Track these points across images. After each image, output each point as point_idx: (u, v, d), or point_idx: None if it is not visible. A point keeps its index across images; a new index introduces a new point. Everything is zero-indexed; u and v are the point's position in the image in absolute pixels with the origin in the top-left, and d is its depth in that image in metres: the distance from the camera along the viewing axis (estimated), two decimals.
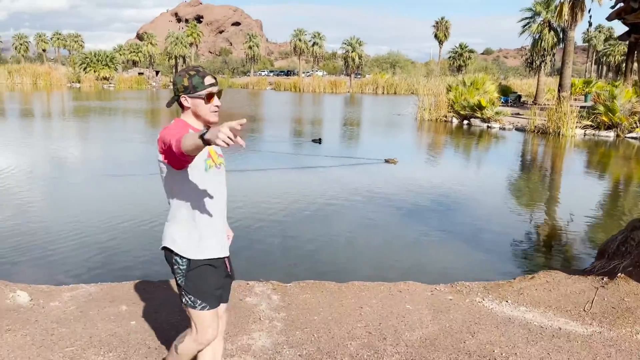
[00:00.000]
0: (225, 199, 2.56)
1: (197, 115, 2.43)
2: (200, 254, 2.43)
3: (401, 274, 5.68)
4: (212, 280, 2.47)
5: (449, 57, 76.31)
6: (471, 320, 4.09)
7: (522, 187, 11.50)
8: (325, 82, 67.99)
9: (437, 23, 79.61)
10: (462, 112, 25.20)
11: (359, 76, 75.79)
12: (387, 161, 13.09)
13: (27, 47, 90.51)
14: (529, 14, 34.97)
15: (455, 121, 25.18)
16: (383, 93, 63.18)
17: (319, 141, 16.42)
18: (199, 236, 2.43)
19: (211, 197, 2.44)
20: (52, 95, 44.46)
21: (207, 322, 2.49)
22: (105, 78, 68.30)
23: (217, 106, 2.42)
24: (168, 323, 3.90)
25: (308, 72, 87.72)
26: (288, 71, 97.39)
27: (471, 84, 26.66)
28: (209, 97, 2.39)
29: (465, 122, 24.68)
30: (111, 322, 3.88)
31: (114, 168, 11.80)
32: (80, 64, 69.43)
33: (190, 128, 2.38)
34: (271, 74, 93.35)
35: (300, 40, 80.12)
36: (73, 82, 66.19)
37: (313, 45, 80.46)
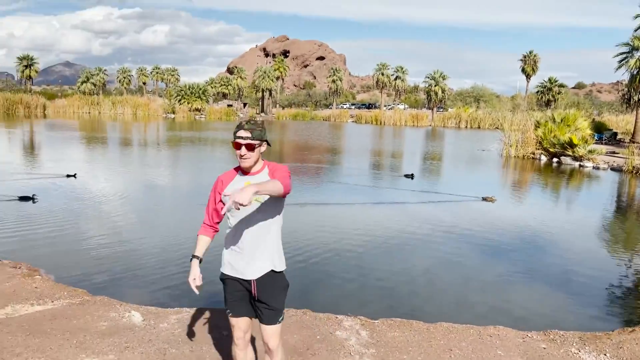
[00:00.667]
0: (256, 228, 3.03)
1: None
2: (222, 268, 3.14)
3: (489, 317, 5.62)
4: (226, 290, 3.12)
5: (537, 92, 73.90)
6: None
7: (619, 231, 10.90)
8: (406, 115, 68.03)
9: (525, 57, 77.57)
10: (551, 150, 24.26)
11: (442, 110, 75.08)
12: (484, 199, 12.91)
13: (129, 80, 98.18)
14: (626, 49, 33.41)
15: (544, 159, 24.26)
16: (466, 127, 62.13)
17: (412, 177, 16.53)
18: (224, 255, 3.14)
19: (235, 226, 3.05)
20: (150, 125, 47.78)
21: (231, 323, 3.16)
22: (197, 109, 72.51)
23: (241, 155, 2.97)
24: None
25: (389, 105, 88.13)
26: (369, 104, 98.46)
27: (562, 120, 25.68)
28: (235, 146, 2.99)
29: (555, 160, 23.71)
30: (215, 346, 4.19)
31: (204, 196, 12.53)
32: (176, 96, 74.28)
33: (240, 169, 3.10)
34: (353, 107, 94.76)
35: (382, 74, 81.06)
36: (168, 112, 70.80)
37: (395, 79, 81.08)
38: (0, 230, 8.67)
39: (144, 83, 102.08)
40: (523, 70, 78.28)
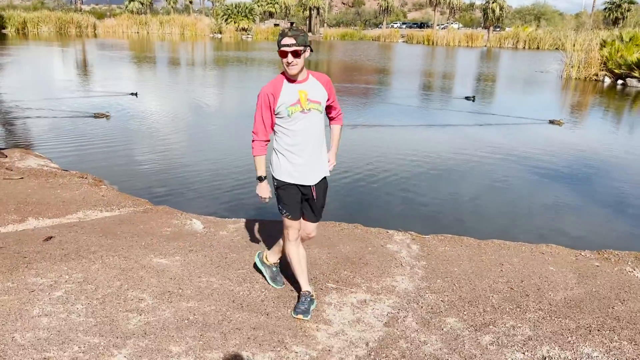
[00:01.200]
0: (316, 137, 3.22)
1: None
2: (280, 176, 3.25)
3: (542, 236, 5.61)
4: (286, 196, 3.27)
5: (605, 9, 68.47)
6: (620, 288, 4.00)
7: None
8: (460, 35, 64.89)
9: None
10: (616, 71, 22.81)
11: (499, 29, 71.06)
12: (551, 122, 12.49)
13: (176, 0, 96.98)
14: None
15: (607, 81, 22.90)
16: (524, 48, 58.86)
17: (473, 99, 16.10)
18: (284, 163, 3.22)
19: (295, 136, 3.16)
20: (198, 45, 47.72)
21: (286, 224, 3.35)
22: (244, 29, 71.53)
23: (288, 62, 3.02)
24: (316, 255, 4.32)
25: (443, 24, 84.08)
26: (422, 23, 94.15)
27: (630, 39, 23.89)
28: (281, 54, 3.03)
29: (620, 82, 22.34)
30: None
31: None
32: (222, 16, 73.23)
33: (284, 78, 3.15)
34: (404, 26, 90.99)
35: None
36: (215, 32, 70.21)
37: None
38: (67, 144, 9.12)
39: (191, 2, 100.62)
40: None
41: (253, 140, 3.20)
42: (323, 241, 4.71)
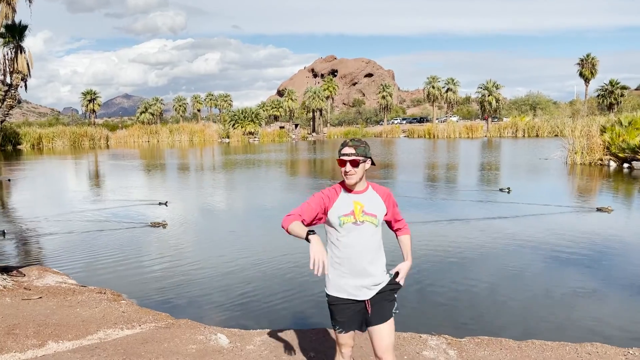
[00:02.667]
0: (368, 250, 3.07)
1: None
2: (330, 290, 3.11)
3: (582, 333, 5.32)
4: (338, 312, 3.10)
5: (598, 95, 70.84)
6: None
7: None
8: (460, 127, 66.83)
9: (582, 60, 74.71)
10: (620, 155, 23.10)
11: (496, 119, 73.29)
12: (599, 210, 12.36)
13: (184, 108, 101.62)
14: None
15: (613, 165, 23.12)
16: (524, 136, 60.32)
17: (508, 190, 15.83)
18: (333, 277, 3.09)
19: (346, 247, 3.04)
20: (207, 151, 49.17)
21: (339, 341, 3.18)
22: (250, 133, 74.07)
23: (346, 172, 3.01)
24: None
25: (442, 117, 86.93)
26: (421, 118, 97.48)
27: (629, 123, 24.42)
28: (340, 163, 3.04)
29: (626, 165, 22.55)
30: None
31: (271, 218, 12.66)
32: (230, 121, 76.24)
33: (342, 187, 3.10)
34: (404, 122, 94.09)
35: (433, 87, 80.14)
36: (223, 137, 72.65)
37: (447, 91, 79.93)
38: (82, 258, 9.07)
39: (199, 110, 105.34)
40: (581, 75, 75.32)
41: (288, 216, 2.96)
42: (353, 352, 4.48)
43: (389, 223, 3.29)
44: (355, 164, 2.99)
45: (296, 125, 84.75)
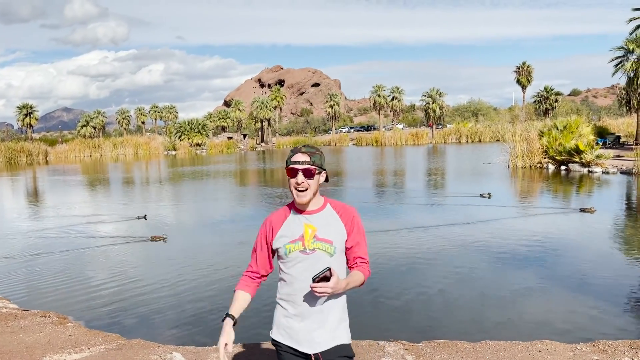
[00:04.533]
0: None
1: (291, 191, 2.48)
2: (273, 333, 2.53)
3: (532, 331, 5.51)
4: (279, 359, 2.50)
5: (534, 101, 74.32)
6: None
7: None
8: (406, 134, 68.35)
9: (518, 68, 78.18)
10: (558, 158, 24.26)
11: (441, 126, 75.46)
12: (583, 210, 12.77)
13: (128, 121, 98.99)
14: (621, 53, 33.72)
15: (551, 167, 24.24)
16: (467, 142, 62.35)
17: (489, 196, 15.82)
18: (278, 316, 2.52)
19: (292, 282, 2.44)
20: (153, 164, 47.97)
21: None
22: (198, 144, 72.93)
23: (297, 184, 2.40)
24: None
25: (388, 125, 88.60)
26: (368, 126, 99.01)
27: (564, 127, 25.72)
28: (289, 173, 2.44)
29: (563, 167, 23.69)
30: None
31: (221, 231, 12.47)
32: (176, 133, 74.80)
33: (292, 208, 2.52)
34: (351, 130, 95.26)
35: (379, 95, 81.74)
36: (169, 149, 71.16)
37: (392, 99, 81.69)
38: (23, 281, 8.61)
39: (143, 122, 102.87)
40: (518, 82, 78.80)
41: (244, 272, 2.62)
42: None
43: (346, 253, 2.53)
44: (309, 174, 2.39)
45: (244, 136, 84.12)
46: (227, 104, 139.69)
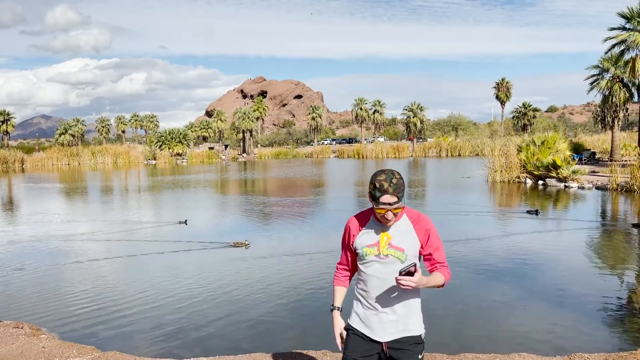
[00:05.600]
0: (394, 289, 2.70)
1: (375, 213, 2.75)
2: (351, 319, 2.85)
3: (511, 344, 5.55)
4: (351, 344, 2.80)
5: (513, 117, 75.60)
6: None
7: (628, 250, 10.97)
8: (387, 147, 68.84)
9: (497, 84, 79.61)
10: (535, 173, 24.66)
11: (421, 140, 76.21)
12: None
13: (108, 129, 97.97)
14: (596, 71, 34.54)
15: (529, 182, 24.62)
16: (447, 156, 63.01)
17: (536, 212, 14.93)
18: (355, 306, 2.87)
19: (367, 281, 2.77)
20: (132, 173, 47.43)
21: None
22: (178, 154, 72.40)
23: (386, 219, 2.67)
24: None
25: (370, 138, 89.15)
26: (350, 139, 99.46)
27: (542, 142, 26.18)
28: (379, 210, 2.66)
29: (540, 182, 24.08)
30: None
31: (200, 241, 12.35)
32: (156, 142, 74.16)
33: (373, 214, 2.80)
34: (333, 142, 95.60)
35: (361, 109, 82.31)
36: (149, 159, 70.49)
37: (374, 112, 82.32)
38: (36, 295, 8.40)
39: (123, 131, 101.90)
40: (497, 97, 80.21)
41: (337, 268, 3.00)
42: None
43: (424, 258, 2.81)
44: (397, 212, 2.66)
45: (226, 146, 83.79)
46: (209, 114, 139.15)
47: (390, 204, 2.61)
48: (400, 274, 2.53)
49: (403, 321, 2.74)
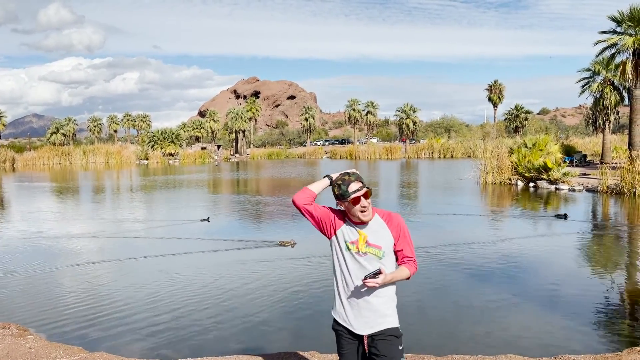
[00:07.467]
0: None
1: (350, 214, 2.91)
2: (334, 313, 3.03)
3: (499, 345, 5.57)
4: (339, 342, 3.00)
5: (505, 119, 75.94)
6: None
7: (619, 252, 11.04)
8: (380, 148, 68.94)
9: (490, 86, 79.93)
10: (527, 175, 24.76)
11: (414, 141, 76.42)
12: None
13: (100, 129, 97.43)
14: (587, 74, 34.77)
15: (520, 184, 24.73)
16: (439, 157, 63.19)
17: (565, 217, 14.37)
18: (337, 299, 3.00)
19: (345, 274, 2.93)
20: (125, 173, 47.21)
21: None
22: (170, 154, 72.13)
23: (363, 207, 2.83)
24: None
25: (362, 139, 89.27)
26: (343, 139, 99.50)
27: (533, 145, 26.29)
28: (354, 202, 2.83)
29: (532, 184, 24.20)
30: None
31: (190, 242, 12.32)
32: (149, 142, 73.84)
33: (346, 220, 2.97)
34: (326, 143, 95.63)
35: (354, 110, 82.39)
36: (141, 159, 70.17)
37: (367, 114, 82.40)
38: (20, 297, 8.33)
39: (115, 131, 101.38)
40: (490, 99, 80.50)
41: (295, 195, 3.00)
42: None
43: (395, 253, 2.99)
44: (369, 195, 2.85)
45: (219, 147, 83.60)
46: (201, 114, 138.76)
47: (359, 190, 2.79)
48: (365, 278, 2.76)
49: (380, 314, 2.90)
